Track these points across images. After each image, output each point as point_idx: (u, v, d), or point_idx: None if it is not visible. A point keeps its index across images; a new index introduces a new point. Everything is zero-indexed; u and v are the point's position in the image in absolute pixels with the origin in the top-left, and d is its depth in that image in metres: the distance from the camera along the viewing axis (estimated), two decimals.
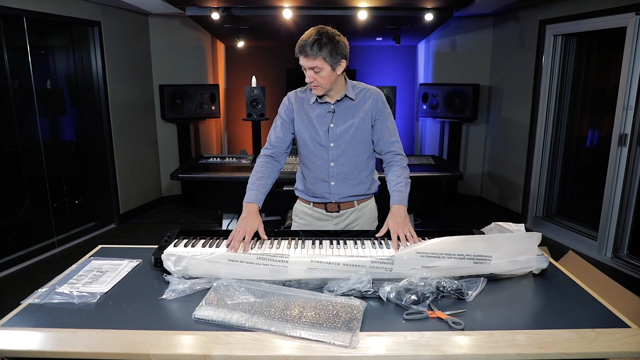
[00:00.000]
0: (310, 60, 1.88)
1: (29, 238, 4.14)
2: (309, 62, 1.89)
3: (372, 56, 6.25)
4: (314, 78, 1.93)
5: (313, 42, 1.85)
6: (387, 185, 2.06)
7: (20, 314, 1.40)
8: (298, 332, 1.28)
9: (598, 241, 4.01)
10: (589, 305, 1.45)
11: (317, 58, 1.87)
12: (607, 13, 3.76)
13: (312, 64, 1.88)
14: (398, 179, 2.03)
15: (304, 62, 1.90)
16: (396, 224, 1.81)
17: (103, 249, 1.93)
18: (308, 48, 1.86)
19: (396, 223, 1.82)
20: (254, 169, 2.08)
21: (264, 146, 2.16)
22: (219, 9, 4.37)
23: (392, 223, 1.83)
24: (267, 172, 2.05)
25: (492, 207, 5.54)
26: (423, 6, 4.41)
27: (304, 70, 1.95)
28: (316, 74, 1.91)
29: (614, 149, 3.79)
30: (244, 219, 1.83)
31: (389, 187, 2.04)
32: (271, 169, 2.09)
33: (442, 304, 1.45)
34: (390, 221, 1.86)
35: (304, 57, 1.88)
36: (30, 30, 4.01)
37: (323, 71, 1.90)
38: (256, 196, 1.95)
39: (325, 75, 1.92)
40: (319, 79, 1.93)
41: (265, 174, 2.04)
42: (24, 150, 4.13)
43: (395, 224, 1.82)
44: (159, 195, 5.71)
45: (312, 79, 1.93)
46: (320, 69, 1.90)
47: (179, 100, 5.25)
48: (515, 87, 5.01)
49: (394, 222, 1.83)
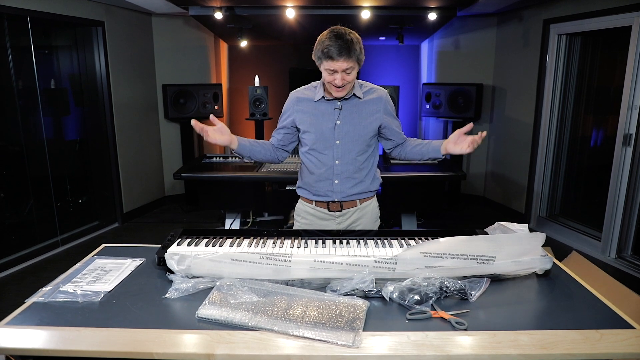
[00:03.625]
0: (347, 62, 1.87)
1: (33, 237, 4.16)
2: (345, 64, 1.87)
3: (375, 56, 6.24)
4: (344, 79, 1.92)
5: (347, 43, 1.85)
6: (415, 148, 2.16)
7: (25, 312, 1.40)
8: (301, 331, 1.28)
9: (602, 242, 3.99)
10: (593, 306, 1.44)
11: (352, 59, 1.88)
12: (612, 12, 3.74)
13: (347, 65, 1.88)
14: (422, 141, 2.18)
15: (338, 65, 1.87)
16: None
17: (106, 248, 1.94)
18: (345, 51, 1.84)
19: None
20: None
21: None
22: (222, 8, 4.37)
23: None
24: (262, 143, 2.17)
25: (496, 207, 5.53)
26: (426, 5, 4.40)
27: (331, 73, 1.92)
28: (348, 75, 1.91)
29: (619, 149, 3.78)
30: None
31: (420, 144, 2.16)
32: (268, 147, 2.18)
33: (445, 304, 1.44)
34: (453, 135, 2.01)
35: (342, 60, 1.86)
36: (34, 30, 4.02)
37: (354, 71, 1.93)
38: (243, 139, 2.09)
39: (354, 75, 1.95)
40: (348, 79, 1.93)
41: (260, 143, 2.16)
42: (28, 150, 4.15)
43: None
44: (162, 194, 5.72)
45: (343, 81, 1.92)
46: (352, 69, 1.91)
47: (182, 100, 5.25)
48: (519, 87, 5.00)
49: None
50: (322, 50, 1.88)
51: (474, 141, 1.91)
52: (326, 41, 1.87)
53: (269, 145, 2.19)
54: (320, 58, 1.91)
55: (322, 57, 1.90)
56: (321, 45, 1.89)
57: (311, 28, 4.85)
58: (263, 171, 3.75)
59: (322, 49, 1.88)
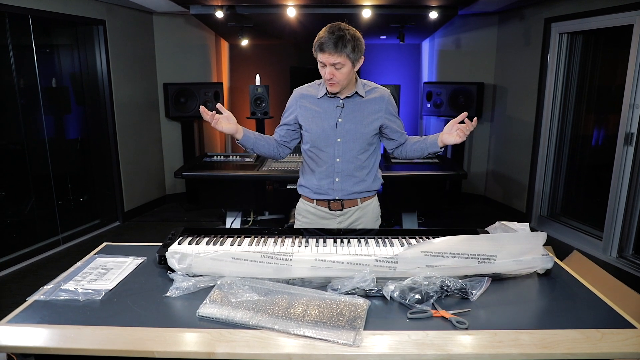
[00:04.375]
0: (334, 56, 1.89)
1: (34, 235, 4.17)
2: (332, 58, 1.90)
3: (376, 54, 6.23)
4: (333, 74, 1.94)
5: (338, 38, 1.87)
6: (414, 145, 2.18)
7: (26, 310, 1.40)
8: (302, 330, 1.28)
9: (603, 241, 3.99)
10: (594, 306, 1.44)
11: (341, 54, 1.89)
12: (614, 11, 3.73)
13: (335, 60, 1.90)
14: (420, 137, 2.20)
15: (326, 58, 1.91)
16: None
17: (108, 246, 1.94)
18: (332, 44, 1.87)
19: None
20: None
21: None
22: (223, 7, 4.37)
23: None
24: (266, 137, 2.17)
25: (497, 206, 5.52)
26: (427, 4, 4.40)
27: (322, 66, 1.96)
28: (337, 70, 1.93)
29: (620, 148, 3.77)
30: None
31: (418, 140, 2.18)
32: (271, 142, 2.18)
33: (446, 303, 1.44)
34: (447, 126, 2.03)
35: (328, 53, 1.89)
36: (36, 29, 4.02)
37: (344, 67, 1.93)
38: (248, 130, 2.10)
39: (345, 72, 1.95)
40: (338, 76, 1.94)
41: (264, 137, 2.16)
42: (29, 148, 4.15)
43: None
44: (163, 193, 5.72)
45: (331, 75, 1.94)
46: (342, 65, 1.92)
47: (183, 99, 5.25)
48: (520, 86, 4.99)
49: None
50: (316, 42, 1.93)
51: (460, 129, 1.93)
52: (322, 34, 1.92)
53: (272, 141, 2.20)
54: (316, 50, 1.95)
55: (317, 50, 1.94)
56: (317, 38, 1.94)
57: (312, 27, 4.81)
58: (264, 170, 3.75)
59: (317, 40, 1.93)
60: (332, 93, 2.05)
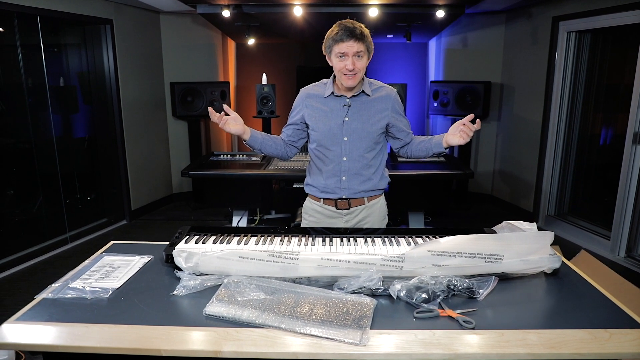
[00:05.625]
0: (358, 44, 1.92)
1: (42, 234, 4.20)
2: (356, 46, 1.92)
3: (383, 53, 6.22)
4: (354, 64, 1.95)
5: (359, 29, 1.91)
6: (420, 144, 2.16)
7: (34, 308, 1.41)
8: (308, 329, 1.28)
9: (611, 240, 3.96)
10: (602, 305, 1.43)
11: (363, 43, 1.93)
12: (622, 9, 3.70)
13: (358, 48, 1.92)
14: (425, 137, 2.18)
15: (349, 47, 1.92)
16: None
17: (115, 245, 1.95)
18: (354, 33, 1.90)
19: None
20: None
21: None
22: (229, 6, 4.38)
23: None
24: (274, 137, 2.18)
25: (504, 205, 5.50)
26: (434, 3, 4.38)
27: (341, 60, 1.95)
28: (359, 60, 1.95)
29: (628, 147, 3.74)
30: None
31: (424, 140, 2.15)
32: (278, 142, 2.19)
33: (452, 303, 1.44)
34: (452, 127, 1.96)
35: (353, 41, 1.91)
36: (44, 28, 4.05)
37: (364, 58, 1.97)
38: (255, 131, 2.11)
39: (364, 63, 1.98)
40: (359, 65, 1.96)
41: (272, 137, 2.17)
42: (37, 147, 4.18)
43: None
44: (169, 192, 5.75)
45: (353, 65, 1.95)
46: (362, 54, 1.95)
47: (190, 98, 5.27)
48: (528, 85, 4.96)
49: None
50: (333, 38, 1.94)
51: (464, 130, 1.91)
52: (336, 29, 1.94)
53: (279, 141, 2.20)
54: (331, 46, 1.96)
55: (333, 44, 1.95)
56: (331, 34, 1.96)
57: (319, 26, 4.84)
58: (270, 169, 3.75)
59: (332, 36, 1.94)
60: (349, 88, 2.05)
